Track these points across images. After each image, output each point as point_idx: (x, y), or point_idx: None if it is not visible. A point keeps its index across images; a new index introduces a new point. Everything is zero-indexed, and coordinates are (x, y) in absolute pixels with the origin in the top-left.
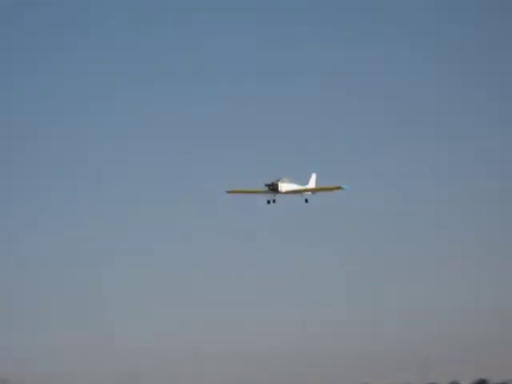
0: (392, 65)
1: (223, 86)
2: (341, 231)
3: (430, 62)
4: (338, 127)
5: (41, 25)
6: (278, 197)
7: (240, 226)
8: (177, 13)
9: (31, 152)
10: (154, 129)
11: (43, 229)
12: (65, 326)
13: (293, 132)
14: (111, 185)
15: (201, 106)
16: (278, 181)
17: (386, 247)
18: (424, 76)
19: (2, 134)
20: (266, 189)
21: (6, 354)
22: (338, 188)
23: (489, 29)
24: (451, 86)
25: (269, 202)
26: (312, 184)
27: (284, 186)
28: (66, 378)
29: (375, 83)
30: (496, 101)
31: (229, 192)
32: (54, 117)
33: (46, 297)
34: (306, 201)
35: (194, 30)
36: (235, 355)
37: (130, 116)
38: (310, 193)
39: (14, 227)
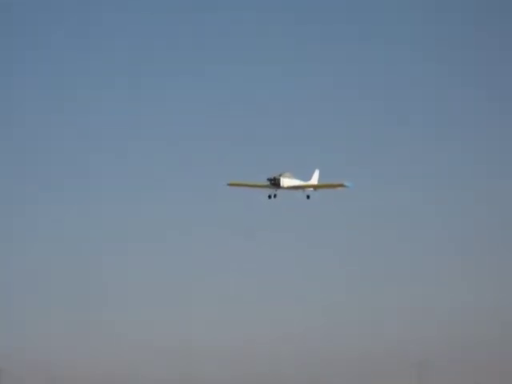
0: (392, 65)
1: (225, 84)
2: (341, 230)
3: (429, 61)
4: (337, 127)
5: (40, 25)
6: (279, 192)
7: (240, 220)
8: (178, 13)
9: (31, 152)
10: (154, 123)
11: (43, 227)
12: (63, 322)
13: (293, 131)
14: (110, 180)
15: (203, 104)
16: (280, 176)
17: (386, 247)
18: (424, 76)
19: (1, 133)
20: (268, 183)
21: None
22: (341, 185)
23: (489, 29)
24: (451, 86)
25: (270, 196)
26: (315, 180)
27: (286, 181)
28: (62, 377)
29: (375, 83)
30: (496, 101)
31: (230, 185)
32: (53, 116)
33: (44, 296)
34: (308, 197)
35: (194, 29)
36: (234, 354)
37: (129, 112)
38: (312, 189)
39: (14, 225)
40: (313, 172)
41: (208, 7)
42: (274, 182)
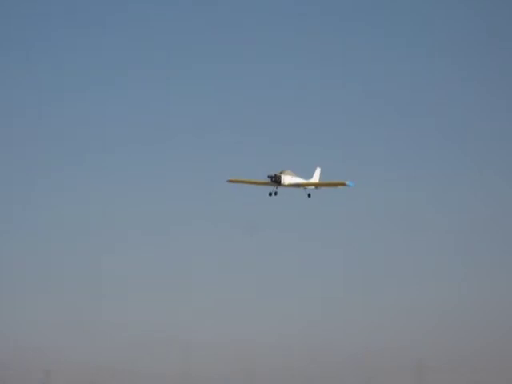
0: (392, 65)
1: (227, 84)
2: (341, 229)
3: (430, 61)
4: (337, 127)
5: (40, 22)
6: (280, 189)
7: (240, 217)
8: (178, 12)
9: (30, 151)
10: (154, 123)
11: (43, 226)
12: (62, 322)
13: (294, 129)
14: (110, 178)
15: (204, 103)
16: (281, 173)
17: (387, 247)
18: (424, 76)
19: (2, 132)
20: (269, 180)
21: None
22: (342, 184)
23: (489, 29)
24: (451, 85)
25: (270, 194)
26: (316, 178)
27: (287, 179)
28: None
29: (376, 83)
30: (496, 101)
31: (230, 181)
32: (53, 116)
33: (44, 295)
34: (309, 195)
35: (195, 29)
36: (233, 352)
37: (129, 112)
38: (313, 187)
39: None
40: (314, 170)
41: (208, 7)
42: (275, 180)
